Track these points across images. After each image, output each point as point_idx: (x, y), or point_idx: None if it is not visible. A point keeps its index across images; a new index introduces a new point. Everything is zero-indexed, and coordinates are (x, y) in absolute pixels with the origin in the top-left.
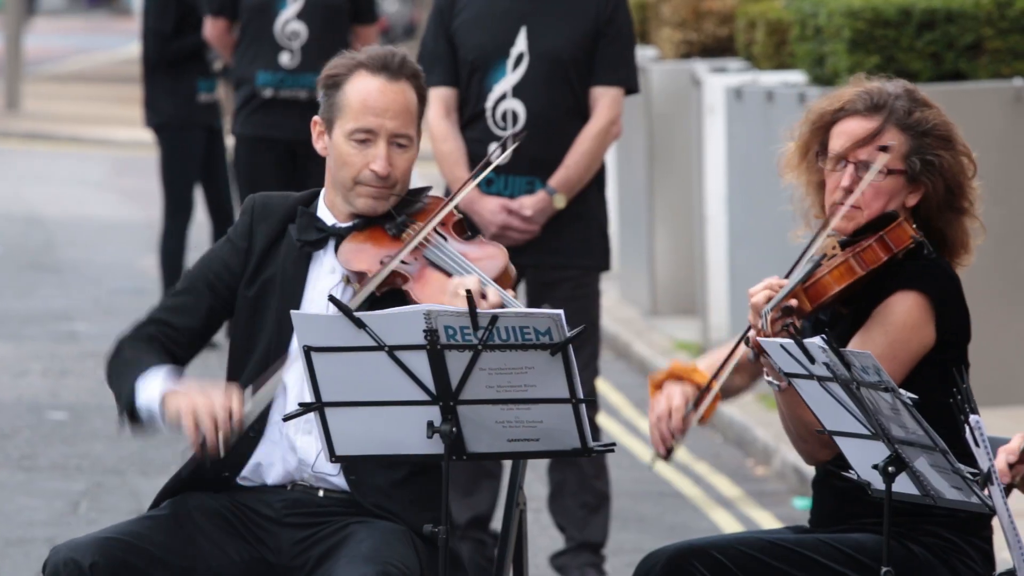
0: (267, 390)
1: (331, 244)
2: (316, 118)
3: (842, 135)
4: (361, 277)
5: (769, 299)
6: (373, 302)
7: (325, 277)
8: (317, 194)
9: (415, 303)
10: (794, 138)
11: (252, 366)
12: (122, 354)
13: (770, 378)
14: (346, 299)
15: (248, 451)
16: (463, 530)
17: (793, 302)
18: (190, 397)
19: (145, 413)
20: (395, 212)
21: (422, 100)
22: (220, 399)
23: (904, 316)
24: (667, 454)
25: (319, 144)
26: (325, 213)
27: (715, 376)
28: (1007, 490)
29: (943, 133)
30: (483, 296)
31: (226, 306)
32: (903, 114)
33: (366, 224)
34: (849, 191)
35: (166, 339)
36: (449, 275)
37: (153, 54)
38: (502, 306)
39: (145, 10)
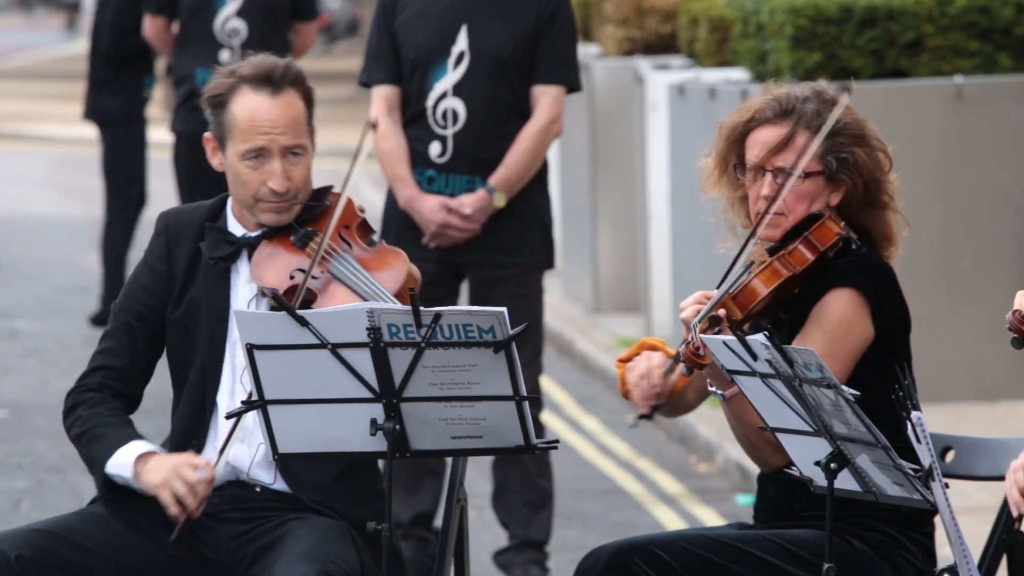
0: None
1: (244, 255)
2: (207, 135)
3: (756, 145)
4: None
5: (698, 312)
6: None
7: (243, 288)
8: (225, 200)
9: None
10: (710, 155)
11: (191, 384)
12: (77, 412)
13: (714, 388)
14: (267, 306)
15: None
16: (406, 528)
17: (722, 312)
18: (161, 470)
19: (119, 479)
20: (297, 223)
21: (310, 104)
22: (188, 466)
23: (839, 313)
24: (651, 412)
25: (214, 161)
26: (234, 224)
27: (685, 340)
28: None
29: (855, 131)
30: None
31: (159, 332)
32: (812, 116)
33: (274, 233)
34: (771, 199)
35: (114, 383)
36: (353, 290)
37: (108, 48)
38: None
39: (103, 4)
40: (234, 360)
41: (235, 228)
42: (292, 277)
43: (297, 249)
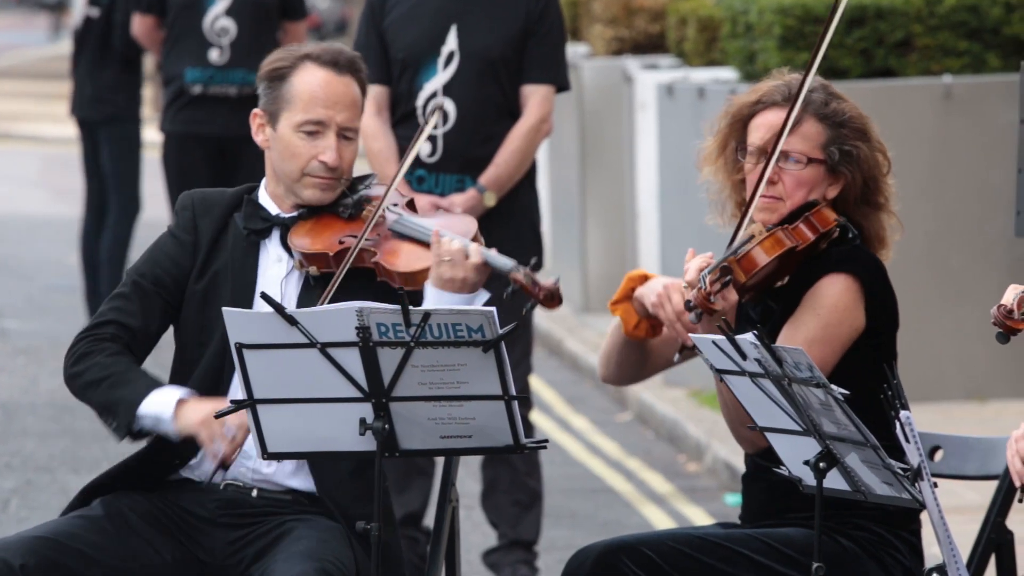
0: None
1: (276, 234)
2: (257, 110)
3: (761, 127)
4: (319, 259)
5: (703, 269)
6: (338, 284)
7: (273, 266)
8: (255, 188)
9: (389, 273)
10: (713, 133)
11: (208, 359)
12: (94, 359)
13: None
14: (297, 285)
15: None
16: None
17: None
18: (201, 410)
19: (149, 420)
20: (347, 193)
21: (363, 96)
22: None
23: (835, 298)
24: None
25: (259, 137)
26: (268, 203)
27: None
28: None
29: (859, 125)
30: (466, 256)
31: (176, 303)
32: (820, 104)
33: (311, 213)
34: (770, 182)
35: (127, 340)
36: (420, 242)
37: (123, 46)
38: (485, 264)
39: (114, 3)
40: None
41: (269, 207)
42: (342, 242)
43: (345, 221)
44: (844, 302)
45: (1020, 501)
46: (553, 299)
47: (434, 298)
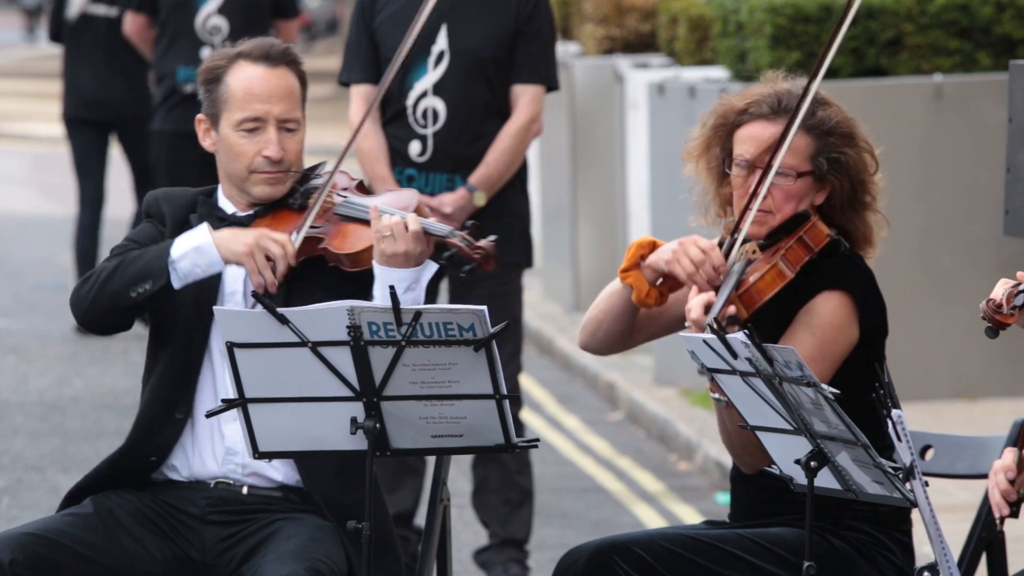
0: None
1: None
2: (200, 116)
3: (748, 140)
4: None
5: (707, 308)
6: (294, 275)
7: (231, 265)
8: (214, 189)
9: (336, 257)
10: (702, 126)
11: (172, 349)
12: (101, 264)
13: (717, 395)
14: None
15: (176, 435)
16: None
17: (731, 309)
18: (243, 236)
19: (187, 260)
20: (298, 185)
21: (304, 85)
22: (271, 237)
23: (830, 317)
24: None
25: (206, 142)
26: (226, 204)
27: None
28: (1016, 506)
29: (845, 130)
30: (405, 228)
31: None
32: (807, 115)
33: (267, 211)
34: (755, 196)
35: None
36: (364, 222)
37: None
38: (425, 232)
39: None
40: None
41: (227, 207)
42: (293, 231)
43: (296, 212)
44: (839, 320)
45: (999, 530)
46: (489, 260)
47: (381, 275)
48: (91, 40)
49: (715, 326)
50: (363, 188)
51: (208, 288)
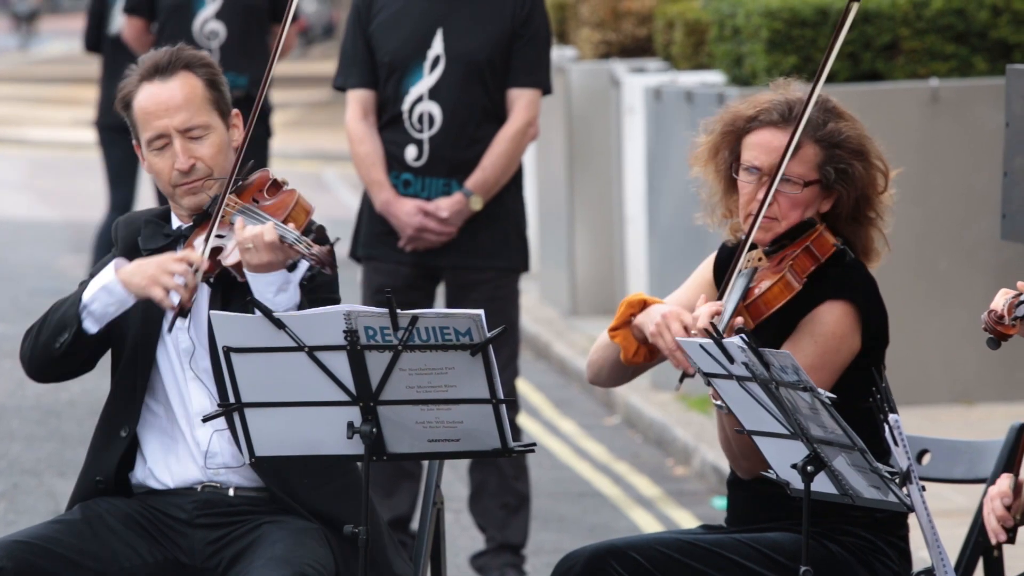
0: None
1: (181, 244)
2: (135, 142)
3: (756, 147)
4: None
5: (715, 318)
6: (225, 289)
7: None
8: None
9: (231, 268)
10: (708, 132)
11: (120, 367)
12: (34, 323)
13: (719, 402)
14: (206, 292)
15: (118, 454)
16: None
17: (739, 320)
18: (145, 268)
19: (98, 302)
20: (214, 198)
21: (213, 85)
22: (173, 258)
23: (833, 326)
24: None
25: (144, 166)
26: (175, 221)
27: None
28: (1012, 531)
29: (855, 145)
30: (263, 242)
31: None
32: (817, 125)
33: (200, 220)
34: (762, 202)
35: None
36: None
37: None
38: (281, 240)
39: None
40: (178, 346)
41: (175, 222)
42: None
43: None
44: (842, 329)
45: (996, 555)
46: (325, 265)
47: (251, 281)
48: (130, 53)
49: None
50: (276, 186)
51: (153, 304)
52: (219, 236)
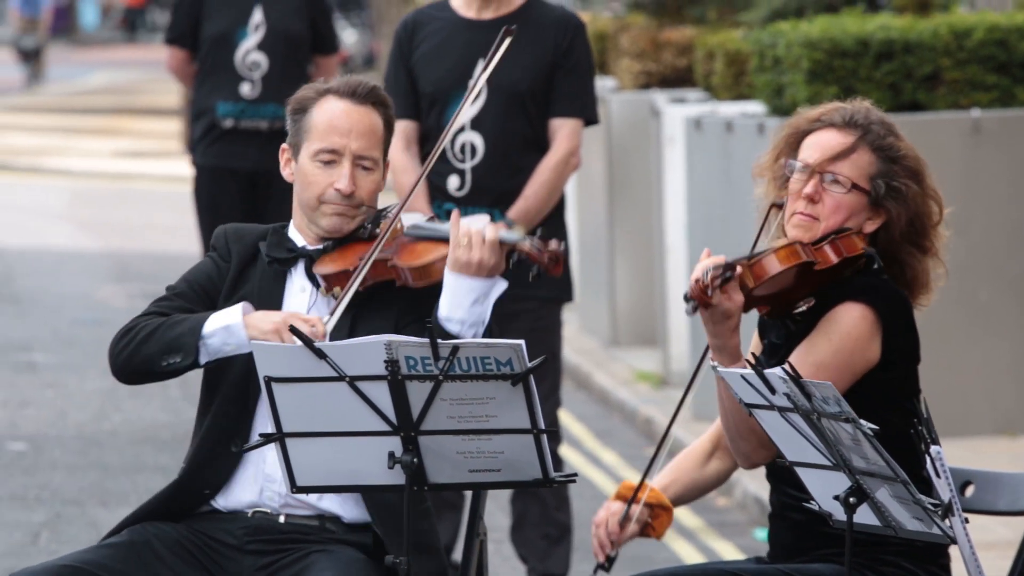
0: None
1: (300, 265)
2: (284, 145)
3: (815, 145)
4: (340, 277)
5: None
6: (362, 300)
7: (296, 296)
8: (286, 224)
9: (404, 272)
10: (775, 139)
11: (230, 382)
12: (140, 324)
13: (714, 363)
14: (324, 310)
15: (232, 469)
16: None
17: (738, 269)
18: (273, 318)
19: (216, 338)
20: (365, 225)
21: (389, 128)
22: (300, 319)
23: (849, 326)
24: (608, 563)
25: (286, 171)
26: (296, 236)
27: (646, 473)
28: None
29: (912, 166)
30: (483, 238)
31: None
32: (877, 136)
33: (336, 245)
34: (811, 200)
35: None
36: (435, 240)
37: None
38: (500, 243)
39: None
40: None
41: (296, 239)
42: (361, 259)
43: (366, 241)
44: (858, 331)
45: None
46: (557, 262)
47: (451, 283)
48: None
49: (707, 279)
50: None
51: None
52: (386, 251)
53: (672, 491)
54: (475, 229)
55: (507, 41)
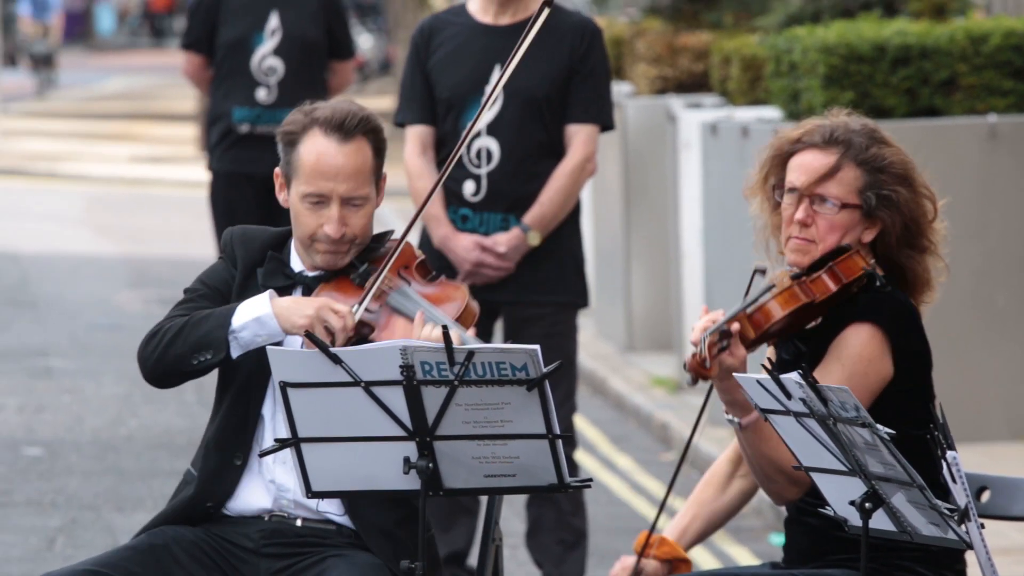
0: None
1: (299, 291)
2: (277, 170)
3: (799, 168)
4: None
5: (707, 329)
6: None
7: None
8: (290, 234)
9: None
10: (760, 160)
11: (233, 394)
12: (165, 326)
13: (729, 416)
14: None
15: (236, 480)
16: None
17: (735, 327)
18: (303, 307)
19: (247, 331)
20: (357, 261)
21: (380, 153)
22: (331, 308)
23: (859, 349)
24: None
25: (281, 196)
26: (295, 260)
27: (653, 526)
28: None
29: (900, 171)
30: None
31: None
32: (860, 149)
33: (333, 275)
34: (804, 224)
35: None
36: (411, 320)
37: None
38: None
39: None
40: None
41: (296, 264)
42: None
43: (356, 288)
44: (868, 352)
45: None
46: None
47: None
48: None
49: (704, 351)
50: (424, 268)
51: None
52: (369, 311)
53: (693, 530)
54: (435, 334)
55: (545, 12)
